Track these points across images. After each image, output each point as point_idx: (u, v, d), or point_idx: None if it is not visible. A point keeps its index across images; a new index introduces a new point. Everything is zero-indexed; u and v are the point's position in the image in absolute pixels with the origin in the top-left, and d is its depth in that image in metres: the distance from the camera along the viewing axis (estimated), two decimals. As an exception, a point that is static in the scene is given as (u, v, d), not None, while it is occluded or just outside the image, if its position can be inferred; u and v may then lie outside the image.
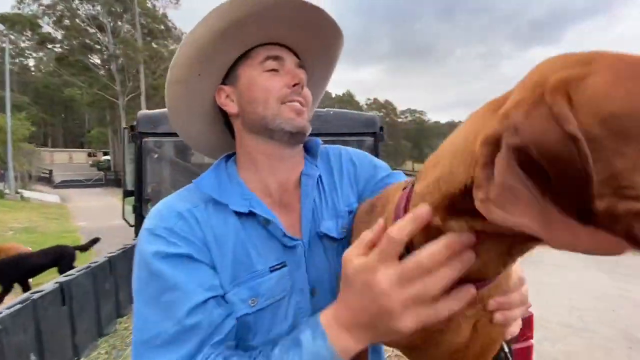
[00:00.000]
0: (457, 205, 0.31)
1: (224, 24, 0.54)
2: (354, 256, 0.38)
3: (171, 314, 0.46)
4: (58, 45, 27.47)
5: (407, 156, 65.50)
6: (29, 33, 26.57)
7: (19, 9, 25.17)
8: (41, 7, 25.16)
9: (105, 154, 37.66)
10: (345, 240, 0.61)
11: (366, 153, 0.75)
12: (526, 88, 0.27)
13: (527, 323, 1.48)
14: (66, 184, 24.22)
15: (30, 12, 25.41)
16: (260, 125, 0.58)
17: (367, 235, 0.39)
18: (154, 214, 0.54)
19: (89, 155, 43.40)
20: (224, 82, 0.62)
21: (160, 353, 0.45)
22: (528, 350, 1.52)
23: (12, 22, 24.95)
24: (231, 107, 0.61)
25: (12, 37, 25.44)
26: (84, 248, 4.16)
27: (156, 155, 2.81)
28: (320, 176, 0.65)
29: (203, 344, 0.46)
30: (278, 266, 0.55)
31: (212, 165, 0.62)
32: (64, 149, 48.71)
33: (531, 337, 1.51)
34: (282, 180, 0.61)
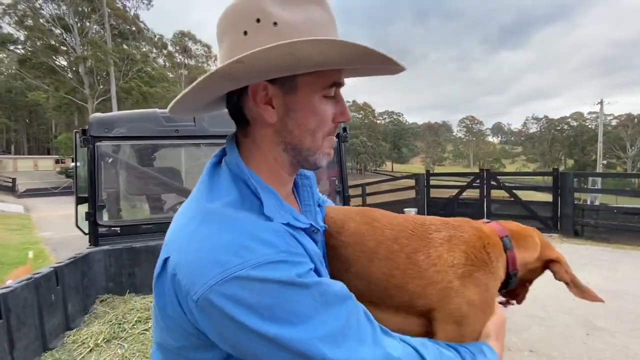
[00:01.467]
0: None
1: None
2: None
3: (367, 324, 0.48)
4: (20, 47, 26.13)
5: (386, 157, 66.39)
6: (-13, 34, 25.13)
7: (-25, 8, 23.80)
8: (1, 7, 23.85)
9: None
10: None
11: None
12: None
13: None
14: (32, 193, 23.18)
15: (-12, 12, 24.04)
16: (301, 155, 0.55)
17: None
18: (252, 246, 0.44)
19: (57, 162, 41.41)
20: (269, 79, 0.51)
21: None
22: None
23: (-32, 22, 23.58)
24: (268, 115, 0.51)
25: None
26: None
27: (110, 160, 2.72)
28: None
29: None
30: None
31: (237, 180, 0.53)
32: (28, 156, 46.28)
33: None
34: (288, 190, 0.62)
